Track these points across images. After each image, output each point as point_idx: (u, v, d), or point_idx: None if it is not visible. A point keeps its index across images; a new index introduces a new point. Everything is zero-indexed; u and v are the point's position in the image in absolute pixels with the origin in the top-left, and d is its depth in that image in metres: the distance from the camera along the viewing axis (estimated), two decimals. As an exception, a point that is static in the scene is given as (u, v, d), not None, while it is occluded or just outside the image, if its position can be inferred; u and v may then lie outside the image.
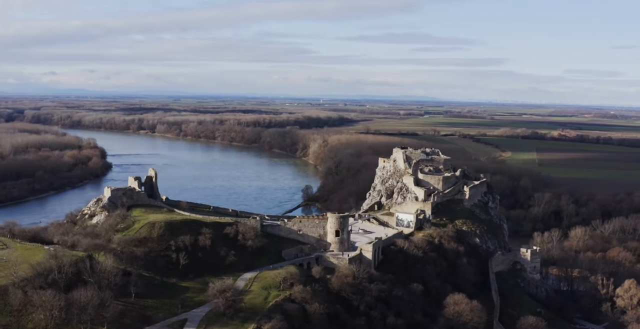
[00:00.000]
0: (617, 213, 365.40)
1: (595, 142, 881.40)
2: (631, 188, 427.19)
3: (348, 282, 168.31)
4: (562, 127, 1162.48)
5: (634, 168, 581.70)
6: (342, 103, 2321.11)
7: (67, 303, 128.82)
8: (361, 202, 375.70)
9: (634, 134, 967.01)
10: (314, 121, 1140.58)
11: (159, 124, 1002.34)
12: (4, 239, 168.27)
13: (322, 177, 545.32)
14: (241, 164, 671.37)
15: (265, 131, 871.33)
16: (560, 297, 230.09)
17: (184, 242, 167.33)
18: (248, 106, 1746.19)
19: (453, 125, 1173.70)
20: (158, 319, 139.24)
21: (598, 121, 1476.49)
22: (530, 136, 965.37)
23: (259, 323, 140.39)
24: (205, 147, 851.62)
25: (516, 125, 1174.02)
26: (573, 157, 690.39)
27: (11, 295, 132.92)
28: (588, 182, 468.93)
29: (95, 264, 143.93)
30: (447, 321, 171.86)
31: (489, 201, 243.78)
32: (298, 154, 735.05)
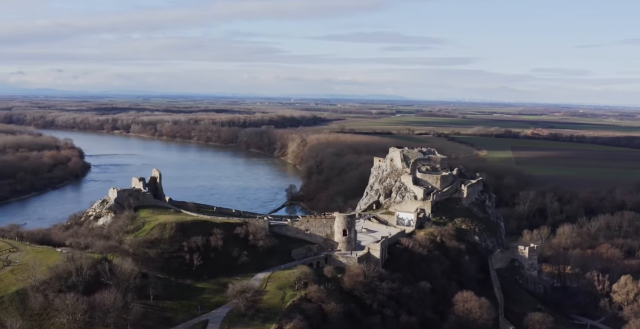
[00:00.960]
0: (599, 210, 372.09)
1: (568, 140, 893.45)
2: (610, 186, 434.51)
3: (360, 281, 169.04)
4: (534, 125, 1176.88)
5: (610, 166, 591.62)
6: (313, 102, 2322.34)
7: (89, 306, 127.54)
8: (349, 201, 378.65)
9: (606, 132, 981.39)
10: (288, 121, 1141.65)
11: (134, 124, 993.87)
12: (12, 241, 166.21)
13: (303, 177, 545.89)
14: (220, 164, 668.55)
15: (241, 130, 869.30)
16: (557, 293, 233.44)
17: (196, 243, 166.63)
18: (219, 105, 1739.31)
19: (426, 124, 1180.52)
20: (179, 321, 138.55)
21: (568, 120, 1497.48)
22: (504, 134, 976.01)
23: (280, 323, 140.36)
24: (181, 147, 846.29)
25: (488, 124, 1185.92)
26: (549, 155, 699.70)
27: (31, 299, 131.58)
28: (567, 180, 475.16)
29: (114, 266, 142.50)
30: (458, 318, 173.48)
31: (485, 200, 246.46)
32: (276, 154, 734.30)
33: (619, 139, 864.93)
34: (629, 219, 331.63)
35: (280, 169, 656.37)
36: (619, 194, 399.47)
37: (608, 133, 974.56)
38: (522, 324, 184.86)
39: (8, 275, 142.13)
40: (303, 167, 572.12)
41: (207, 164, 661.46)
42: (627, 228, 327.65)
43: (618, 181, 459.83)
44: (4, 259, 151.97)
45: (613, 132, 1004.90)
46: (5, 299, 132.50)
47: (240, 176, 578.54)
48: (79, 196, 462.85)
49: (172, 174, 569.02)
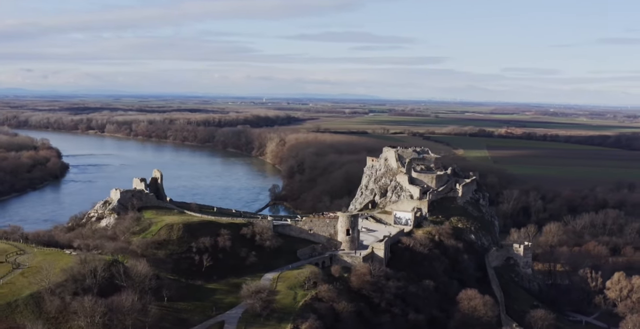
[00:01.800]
0: (582, 209, 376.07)
1: (542, 139, 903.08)
2: (590, 184, 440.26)
3: (367, 280, 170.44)
4: (507, 124, 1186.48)
5: (587, 165, 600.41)
6: (285, 102, 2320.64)
7: (108, 309, 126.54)
8: (336, 201, 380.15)
9: (578, 131, 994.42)
10: (263, 120, 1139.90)
11: (109, 124, 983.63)
12: (17, 244, 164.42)
13: (284, 177, 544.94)
14: (199, 164, 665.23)
15: (218, 130, 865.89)
16: (551, 290, 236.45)
17: (204, 243, 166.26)
18: (191, 105, 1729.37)
19: (399, 123, 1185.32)
20: (195, 322, 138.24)
21: (540, 119, 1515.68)
22: (478, 133, 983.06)
23: (295, 323, 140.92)
24: (157, 147, 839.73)
25: (460, 123, 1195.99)
26: (524, 154, 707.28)
27: (47, 302, 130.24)
28: (547, 179, 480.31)
29: (129, 268, 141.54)
30: (463, 316, 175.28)
31: (480, 199, 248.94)
32: (254, 153, 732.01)
33: (593, 138, 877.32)
34: (613, 217, 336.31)
35: (259, 169, 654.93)
36: (600, 193, 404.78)
37: (580, 132, 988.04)
38: (525, 321, 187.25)
39: (19, 278, 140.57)
40: (284, 167, 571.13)
41: (186, 164, 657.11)
42: (611, 226, 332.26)
43: (597, 180, 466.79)
44: (12, 261, 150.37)
45: (585, 131, 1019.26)
46: (19, 302, 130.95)
47: (220, 176, 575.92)
48: (60, 197, 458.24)
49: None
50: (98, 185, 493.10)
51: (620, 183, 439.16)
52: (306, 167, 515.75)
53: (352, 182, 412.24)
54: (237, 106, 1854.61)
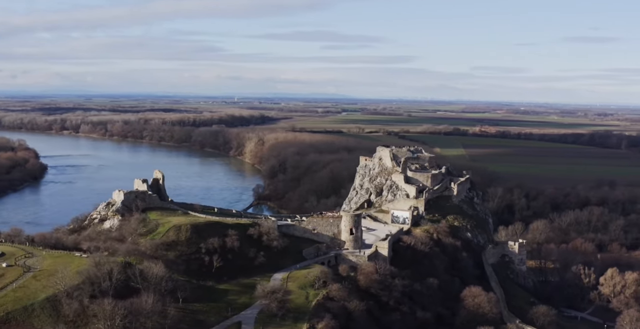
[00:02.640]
0: (565, 206, 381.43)
1: (516, 137, 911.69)
2: (570, 182, 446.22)
3: (375, 279, 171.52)
4: (480, 123, 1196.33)
5: (565, 163, 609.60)
6: (256, 101, 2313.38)
7: (128, 311, 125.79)
8: (322, 200, 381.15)
9: (551, 130, 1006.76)
10: (238, 120, 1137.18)
11: (83, 124, 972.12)
12: (24, 247, 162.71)
13: (266, 177, 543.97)
14: (177, 164, 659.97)
15: (195, 130, 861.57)
16: (546, 287, 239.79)
17: (212, 244, 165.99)
18: (163, 105, 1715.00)
19: (373, 122, 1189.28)
20: (212, 323, 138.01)
21: (511, 117, 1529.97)
22: (453, 132, 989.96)
23: (311, 322, 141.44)
24: (134, 147, 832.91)
25: (434, 121, 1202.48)
26: (501, 152, 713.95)
27: (64, 305, 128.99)
28: (525, 177, 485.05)
29: (145, 270, 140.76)
30: (469, 313, 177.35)
31: (474, 197, 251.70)
32: (232, 153, 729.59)
33: (566, 136, 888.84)
34: (597, 215, 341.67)
35: (239, 169, 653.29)
36: (582, 190, 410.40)
37: (553, 130, 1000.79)
38: (527, 317, 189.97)
39: (32, 281, 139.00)
40: (265, 167, 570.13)
41: (165, 165, 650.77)
42: (595, 223, 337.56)
43: (577, 178, 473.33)
44: (22, 264, 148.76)
45: (558, 129, 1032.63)
46: (36, 306, 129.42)
47: (201, 176, 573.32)
48: (41, 199, 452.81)
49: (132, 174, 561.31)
50: (78, 186, 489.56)
51: (601, 181, 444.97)
52: (288, 166, 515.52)
53: (338, 181, 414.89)
54: (209, 105, 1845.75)
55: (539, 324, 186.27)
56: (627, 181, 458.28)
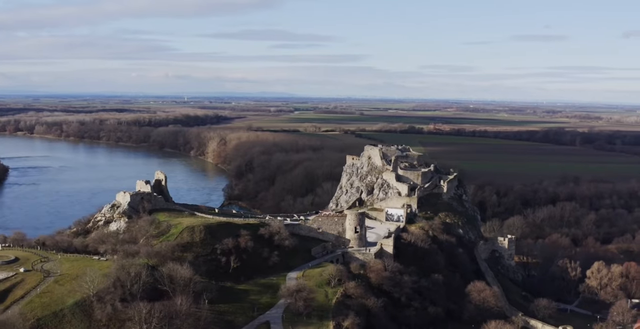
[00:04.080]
0: (534, 202, 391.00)
1: (471, 135, 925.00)
2: (535, 179, 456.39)
3: (385, 276, 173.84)
4: (433, 121, 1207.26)
5: (526, 160, 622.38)
6: (206, 101, 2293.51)
7: (164, 314, 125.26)
8: (299, 199, 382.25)
9: (504, 127, 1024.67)
10: (193, 119, 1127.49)
11: (38, 125, 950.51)
12: (36, 251, 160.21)
13: (232, 177, 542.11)
14: (140, 165, 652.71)
15: (154, 130, 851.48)
16: (534, 281, 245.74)
17: (227, 245, 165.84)
18: (114, 104, 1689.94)
19: (327, 121, 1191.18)
20: (240, 324, 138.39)
21: (462, 115, 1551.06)
22: (409, 130, 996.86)
23: (337, 320, 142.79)
24: (91, 148, 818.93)
25: (387, 120, 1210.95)
26: (459, 150, 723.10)
27: (96, 309, 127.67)
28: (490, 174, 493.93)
29: (173, 272, 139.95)
30: (476, 307, 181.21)
31: (462, 194, 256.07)
32: (194, 154, 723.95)
33: (521, 133, 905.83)
34: (570, 210, 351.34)
35: (202, 169, 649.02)
36: (550, 186, 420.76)
37: (506, 128, 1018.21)
38: (528, 310, 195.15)
39: (55, 286, 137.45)
40: (231, 167, 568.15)
41: (127, 165, 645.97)
42: (568, 218, 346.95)
43: (539, 174, 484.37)
44: (39, 269, 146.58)
45: (510, 127, 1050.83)
46: (65, 311, 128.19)
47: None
48: (7, 201, 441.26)
49: (96, 176, 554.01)
50: (43, 188, 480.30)
51: (565, 177, 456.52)
52: (256, 166, 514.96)
53: (312, 180, 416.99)
54: (160, 105, 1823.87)
55: (540, 317, 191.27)
56: (590, 177, 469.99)
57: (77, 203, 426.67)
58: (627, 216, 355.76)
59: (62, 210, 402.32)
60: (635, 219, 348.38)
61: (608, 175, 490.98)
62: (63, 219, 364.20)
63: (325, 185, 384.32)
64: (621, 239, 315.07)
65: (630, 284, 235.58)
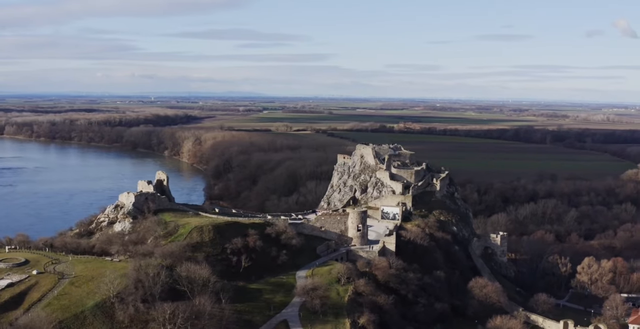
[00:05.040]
0: (514, 200, 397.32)
1: (443, 134, 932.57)
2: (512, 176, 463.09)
3: (391, 273, 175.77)
4: (402, 120, 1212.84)
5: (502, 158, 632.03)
6: (174, 100, 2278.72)
7: (189, 314, 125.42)
8: (284, 198, 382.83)
9: (473, 126, 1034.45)
10: (163, 119, 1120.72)
11: (7, 125, 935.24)
12: (45, 253, 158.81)
13: (210, 176, 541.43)
14: (114, 165, 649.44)
15: (127, 130, 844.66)
16: (526, 277, 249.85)
17: (236, 244, 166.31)
18: (80, 105, 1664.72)
19: (297, 120, 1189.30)
20: (259, 323, 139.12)
21: (430, 114, 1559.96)
22: (379, 129, 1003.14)
23: (352, 317, 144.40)
24: (63, 149, 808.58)
25: (357, 119, 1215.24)
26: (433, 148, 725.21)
27: (117, 311, 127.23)
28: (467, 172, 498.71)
29: (191, 272, 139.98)
30: (479, 303, 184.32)
31: (454, 192, 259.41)
32: (168, 154, 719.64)
33: (491, 132, 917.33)
34: (552, 207, 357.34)
35: (177, 169, 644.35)
36: (529, 184, 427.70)
37: (476, 126, 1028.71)
38: (527, 306, 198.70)
39: (72, 288, 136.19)
40: (209, 167, 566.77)
41: (102, 166, 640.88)
42: (550, 215, 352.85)
43: (517, 172, 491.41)
44: (52, 271, 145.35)
45: (480, 125, 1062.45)
46: (86, 313, 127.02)
47: (143, 177, 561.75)
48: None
49: (71, 176, 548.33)
50: (21, 190, 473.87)
51: (542, 175, 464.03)
52: (234, 166, 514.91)
53: (295, 180, 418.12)
54: (127, 105, 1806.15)
55: (540, 312, 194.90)
56: (566, 174, 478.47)
57: (57, 205, 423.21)
58: (607, 212, 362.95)
59: (42, 212, 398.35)
60: (615, 216, 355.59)
61: (582, 173, 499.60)
62: (44, 221, 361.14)
63: (309, 184, 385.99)
64: (603, 235, 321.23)
65: (618, 279, 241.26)
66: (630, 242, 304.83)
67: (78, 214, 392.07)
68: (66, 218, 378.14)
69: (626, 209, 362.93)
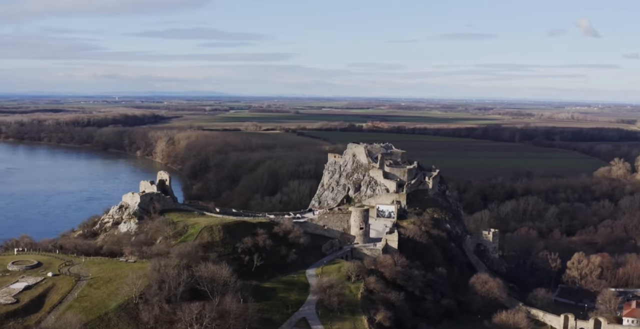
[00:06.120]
0: (493, 197, 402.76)
1: (412, 132, 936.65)
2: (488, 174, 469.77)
3: (398, 270, 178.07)
4: (369, 119, 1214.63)
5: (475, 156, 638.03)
6: (138, 100, 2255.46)
7: (218, 314, 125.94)
8: (267, 198, 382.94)
9: (440, 125, 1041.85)
10: (131, 119, 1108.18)
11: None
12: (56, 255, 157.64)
13: (187, 176, 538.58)
14: (87, 166, 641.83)
15: (97, 130, 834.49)
16: (518, 273, 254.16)
17: (247, 244, 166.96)
18: (44, 105, 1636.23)
19: (266, 120, 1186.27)
20: (279, 321, 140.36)
21: (396, 113, 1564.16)
22: (349, 128, 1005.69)
23: (368, 314, 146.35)
24: (33, 149, 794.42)
25: (324, 118, 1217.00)
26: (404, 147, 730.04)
27: (142, 312, 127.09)
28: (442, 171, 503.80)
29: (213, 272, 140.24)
30: (482, 299, 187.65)
31: (446, 190, 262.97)
32: (140, 154, 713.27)
33: (460, 130, 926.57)
34: (533, 204, 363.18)
35: (151, 169, 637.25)
36: (507, 182, 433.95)
37: (444, 125, 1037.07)
38: (526, 301, 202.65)
39: (90, 290, 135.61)
40: (185, 167, 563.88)
41: (75, 166, 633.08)
42: (531, 212, 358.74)
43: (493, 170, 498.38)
44: (66, 272, 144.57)
45: (447, 124, 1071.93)
46: (110, 315, 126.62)
47: (118, 178, 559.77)
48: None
49: (45, 177, 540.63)
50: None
51: (519, 172, 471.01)
52: (212, 165, 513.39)
53: (277, 179, 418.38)
54: (92, 105, 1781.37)
55: (539, 306, 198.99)
56: (540, 172, 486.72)
57: (34, 206, 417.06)
58: (586, 209, 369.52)
59: (20, 214, 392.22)
60: (593, 212, 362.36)
61: (556, 170, 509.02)
62: (23, 223, 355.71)
63: (291, 184, 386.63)
64: (584, 232, 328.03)
65: (606, 273, 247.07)
66: (611, 238, 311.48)
67: (57, 216, 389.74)
68: (46, 220, 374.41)
69: (604, 205, 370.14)
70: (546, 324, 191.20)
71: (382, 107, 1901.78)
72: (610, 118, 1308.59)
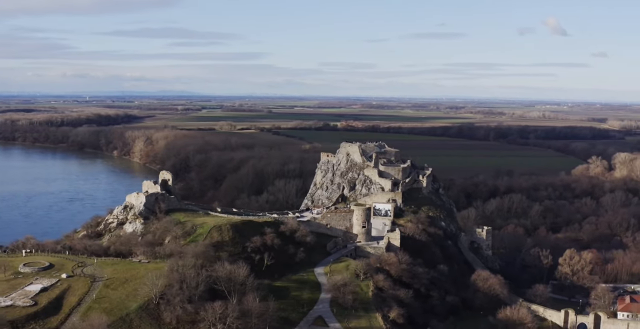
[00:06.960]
0: (476, 195, 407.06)
1: (386, 131, 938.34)
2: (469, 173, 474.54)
3: (403, 268, 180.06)
4: (342, 118, 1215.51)
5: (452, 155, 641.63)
6: (109, 100, 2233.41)
7: (240, 313, 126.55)
8: (253, 197, 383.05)
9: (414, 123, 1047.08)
10: (105, 119, 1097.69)
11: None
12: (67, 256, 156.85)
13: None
14: (65, 166, 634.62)
15: (73, 130, 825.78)
16: (510, 269, 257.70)
17: (256, 243, 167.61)
18: (15, 105, 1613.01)
19: (240, 119, 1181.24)
20: (295, 320, 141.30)
21: (369, 112, 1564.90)
22: (324, 127, 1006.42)
23: (382, 311, 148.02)
24: (7, 149, 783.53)
25: (298, 117, 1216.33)
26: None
27: (164, 312, 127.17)
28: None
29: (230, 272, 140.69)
30: (484, 295, 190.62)
31: (439, 188, 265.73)
32: (117, 153, 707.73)
33: (435, 129, 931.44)
34: (517, 202, 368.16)
35: (129, 169, 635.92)
36: (489, 180, 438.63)
37: (417, 124, 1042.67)
38: (525, 297, 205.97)
39: (108, 291, 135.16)
40: (165, 166, 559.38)
41: (52, 166, 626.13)
42: (516, 209, 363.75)
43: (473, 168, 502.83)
44: (81, 274, 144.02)
45: (421, 123, 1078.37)
46: (132, 316, 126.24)
47: (98, 178, 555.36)
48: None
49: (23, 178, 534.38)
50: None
51: (499, 170, 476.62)
52: (193, 165, 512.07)
53: (263, 178, 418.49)
54: (63, 105, 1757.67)
55: (538, 302, 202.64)
56: (519, 170, 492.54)
57: (15, 207, 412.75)
58: (570, 206, 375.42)
59: (2, 215, 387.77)
60: (577, 210, 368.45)
61: (535, 168, 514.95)
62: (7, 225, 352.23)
63: (277, 183, 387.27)
64: (569, 229, 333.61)
65: (596, 269, 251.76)
66: (595, 235, 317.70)
67: (40, 217, 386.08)
68: (28, 221, 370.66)
69: (586, 203, 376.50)
70: (547, 319, 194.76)
71: (354, 107, 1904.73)
72: (581, 116, 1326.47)
